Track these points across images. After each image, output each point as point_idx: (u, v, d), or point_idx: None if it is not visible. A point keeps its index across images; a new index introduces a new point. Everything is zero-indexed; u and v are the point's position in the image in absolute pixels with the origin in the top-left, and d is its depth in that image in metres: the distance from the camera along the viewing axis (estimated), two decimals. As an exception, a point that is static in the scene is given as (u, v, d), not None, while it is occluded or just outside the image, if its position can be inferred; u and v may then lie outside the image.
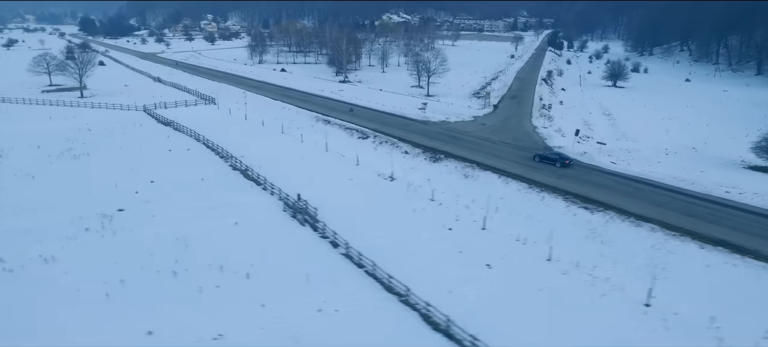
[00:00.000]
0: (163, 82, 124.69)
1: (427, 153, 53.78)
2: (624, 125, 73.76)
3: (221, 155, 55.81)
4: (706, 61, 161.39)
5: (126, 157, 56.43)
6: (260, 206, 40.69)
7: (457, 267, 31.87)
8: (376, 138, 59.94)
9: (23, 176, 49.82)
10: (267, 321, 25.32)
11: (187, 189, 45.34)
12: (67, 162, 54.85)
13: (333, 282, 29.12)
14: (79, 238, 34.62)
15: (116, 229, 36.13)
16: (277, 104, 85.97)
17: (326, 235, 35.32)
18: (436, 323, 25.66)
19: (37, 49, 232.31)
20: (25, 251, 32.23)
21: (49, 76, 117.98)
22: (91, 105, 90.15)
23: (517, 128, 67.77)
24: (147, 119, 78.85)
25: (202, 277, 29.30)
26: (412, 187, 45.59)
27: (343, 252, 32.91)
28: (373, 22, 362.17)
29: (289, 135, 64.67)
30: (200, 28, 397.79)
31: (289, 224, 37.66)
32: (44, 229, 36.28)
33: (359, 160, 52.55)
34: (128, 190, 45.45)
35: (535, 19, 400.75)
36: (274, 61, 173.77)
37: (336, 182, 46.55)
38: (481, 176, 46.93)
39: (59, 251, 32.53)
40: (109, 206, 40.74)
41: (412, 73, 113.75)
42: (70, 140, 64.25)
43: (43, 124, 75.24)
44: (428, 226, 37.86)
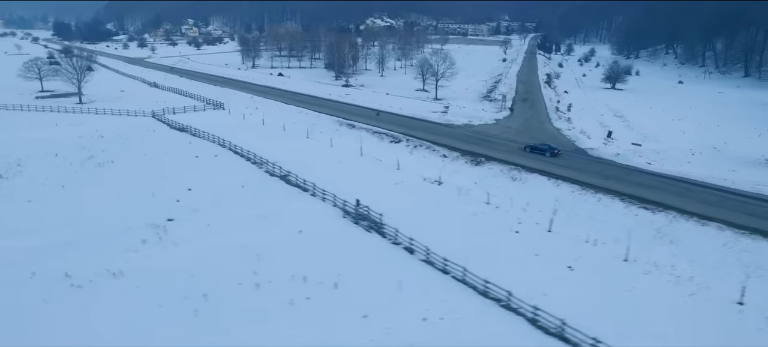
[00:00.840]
0: (159, 88, 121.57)
1: (467, 156, 53.50)
2: (640, 127, 74.94)
3: (253, 161, 54.32)
4: (691, 64, 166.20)
5: (152, 164, 54.43)
6: (316, 213, 39.59)
7: (538, 269, 31.54)
8: (408, 142, 59.39)
9: (52, 185, 47.50)
10: (375, 333, 24.43)
11: (230, 197, 43.89)
12: (92, 170, 52.58)
13: (425, 290, 28.40)
14: (139, 250, 32.96)
15: (175, 240, 34.56)
16: (291, 108, 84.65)
17: (398, 241, 34.53)
18: (546, 327, 25.22)
19: (15, 53, 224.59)
20: (88, 266, 30.48)
21: (41, 81, 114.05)
22: (95, 111, 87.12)
23: (540, 130, 68.17)
24: (158, 125, 76.49)
25: (288, 289, 28.18)
26: (463, 191, 45.13)
27: (423, 258, 32.19)
28: (358, 26, 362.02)
29: (315, 140, 63.48)
30: (181, 32, 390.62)
31: (354, 231, 36.73)
32: (95, 241, 34.50)
33: (400, 164, 51.79)
34: (167, 198, 43.72)
35: (517, 23, 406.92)
36: (268, 65, 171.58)
37: (383, 187, 45.68)
38: (529, 178, 46.85)
39: (124, 264, 30.87)
40: (156, 216, 39.02)
41: (417, 77, 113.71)
42: (86, 147, 61.74)
43: (51, 131, 72.32)
44: (494, 229, 37.46)
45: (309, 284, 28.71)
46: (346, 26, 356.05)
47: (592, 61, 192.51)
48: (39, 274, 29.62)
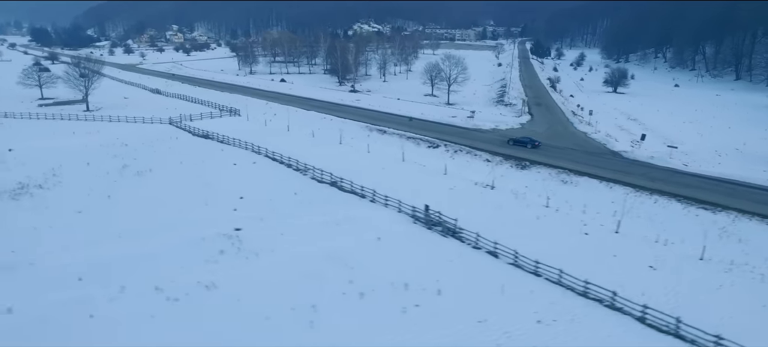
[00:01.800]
0: (163, 94, 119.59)
1: (510, 161, 54.18)
2: (657, 130, 76.78)
3: (295, 168, 53.90)
4: (682, 67, 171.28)
5: (191, 173, 53.48)
6: (385, 219, 39.53)
7: (621, 270, 32.10)
8: (446, 147, 59.79)
9: (97, 196, 46.30)
10: (497, 337, 24.62)
11: (286, 204, 43.51)
12: (132, 180, 51.43)
13: (530, 293, 28.73)
14: (220, 261, 32.40)
15: (255, 250, 34.02)
16: (311, 114, 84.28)
17: (479, 246, 34.78)
18: (657, 326, 25.79)
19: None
20: (176, 278, 29.86)
21: (41, 89, 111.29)
22: (108, 119, 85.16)
23: (567, 134, 69.45)
24: (179, 132, 75.11)
25: (393, 296, 28.13)
26: (519, 194, 45.67)
27: (511, 262, 32.51)
28: (346, 31, 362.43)
29: (349, 146, 63.31)
30: (166, 38, 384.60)
31: (430, 237, 36.82)
32: (171, 252, 33.78)
33: (446, 169, 52.11)
34: (222, 207, 43.12)
35: (502, 27, 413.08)
36: (266, 71, 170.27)
37: (438, 192, 45.82)
38: (580, 181, 47.73)
39: (212, 276, 30.31)
40: (220, 226, 38.39)
41: (425, 82, 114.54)
42: (117, 156, 60.38)
43: (70, 139, 70.44)
44: (563, 232, 38.03)
45: (412, 291, 28.69)
46: (335, 31, 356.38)
47: (585, 65, 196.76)
48: (129, 288, 28.87)
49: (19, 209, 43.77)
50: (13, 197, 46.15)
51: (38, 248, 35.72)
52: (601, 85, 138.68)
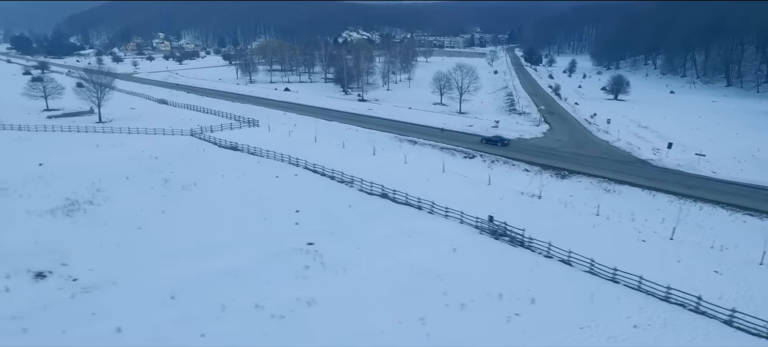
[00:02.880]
0: (170, 105, 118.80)
1: (548, 170, 55.92)
2: (672, 137, 79.35)
3: (339, 180, 54.63)
4: (673, 74, 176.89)
5: (236, 186, 53.80)
6: (451, 230, 40.60)
7: (688, 276, 33.62)
8: (483, 158, 61.27)
9: (151, 212, 46.32)
10: (602, 341, 25.94)
11: (347, 217, 44.14)
12: (180, 194, 51.48)
13: (616, 299, 30.13)
14: (309, 277, 32.92)
15: (341, 265, 34.34)
16: (334, 125, 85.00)
17: (551, 254, 36.17)
18: (746, 329, 27.44)
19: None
20: (272, 295, 30.33)
21: (46, 100, 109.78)
22: (127, 131, 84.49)
23: (590, 143, 71.68)
24: (204, 144, 75.01)
25: (492, 306, 29.20)
26: (568, 204, 47.31)
27: (587, 270, 33.93)
28: (336, 39, 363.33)
29: (384, 157, 64.28)
30: (152, 46, 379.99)
31: (500, 247, 38.04)
32: (253, 268, 34.20)
33: (490, 180, 53.54)
34: (283, 221, 43.65)
35: (489, 34, 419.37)
36: (266, 80, 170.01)
37: (488, 202, 46.93)
38: (622, 190, 49.69)
39: (306, 292, 30.88)
40: (291, 240, 38.94)
41: (434, 91, 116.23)
42: (152, 170, 60.26)
43: (96, 152, 70.06)
44: (621, 239, 39.60)
45: (507, 300, 29.82)
46: (325, 39, 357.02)
47: (578, 72, 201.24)
48: (229, 306, 29.24)
49: (77, 226, 43.66)
50: (67, 213, 45.94)
51: (114, 266, 35.81)
52: (599, 92, 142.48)
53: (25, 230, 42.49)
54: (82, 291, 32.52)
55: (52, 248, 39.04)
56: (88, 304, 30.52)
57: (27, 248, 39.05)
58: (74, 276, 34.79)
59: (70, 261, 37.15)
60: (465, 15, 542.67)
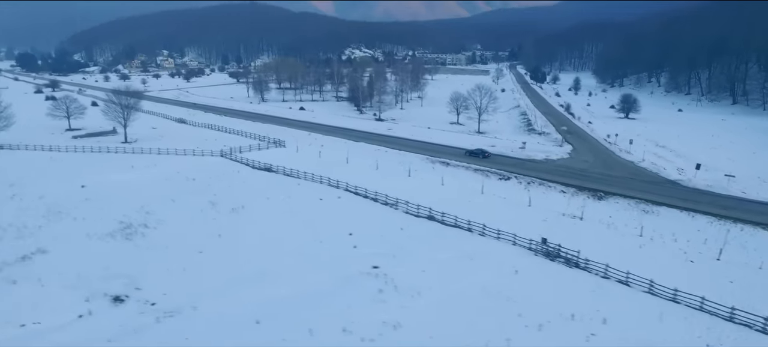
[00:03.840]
0: (189, 124, 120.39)
1: (584, 192, 57.66)
2: (693, 157, 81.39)
3: (383, 202, 56.03)
4: (677, 92, 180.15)
5: (283, 208, 55.10)
6: (508, 253, 42.04)
7: (744, 296, 35.03)
8: (518, 179, 62.99)
9: (207, 235, 47.58)
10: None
11: (402, 240, 45.43)
12: (230, 217, 52.71)
13: (683, 319, 31.62)
14: (387, 300, 34.07)
15: (414, 288, 35.46)
16: (361, 146, 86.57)
17: (608, 276, 37.68)
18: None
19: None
20: (355, 320, 31.42)
21: (68, 119, 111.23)
22: (157, 151, 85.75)
23: (616, 163, 73.53)
24: (238, 165, 76.27)
25: (567, 326, 30.60)
26: (610, 225, 48.95)
27: (646, 290, 35.45)
28: (340, 56, 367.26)
29: (420, 178, 65.85)
30: (156, 63, 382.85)
31: (558, 268, 39.50)
32: (328, 292, 35.44)
33: (531, 201, 55.17)
34: (340, 244, 44.95)
35: (490, 51, 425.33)
36: (279, 99, 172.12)
37: (533, 224, 48.48)
38: (660, 210, 51.41)
39: (388, 315, 32.01)
40: (355, 263, 40.31)
41: (451, 111, 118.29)
42: (195, 192, 61.44)
43: (132, 173, 71.09)
44: (668, 260, 41.04)
45: (579, 321, 31.26)
46: (329, 57, 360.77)
47: (583, 90, 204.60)
48: (317, 331, 30.42)
49: (138, 250, 44.88)
50: (127, 237, 47.18)
51: (187, 290, 37.04)
52: (608, 110, 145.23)
53: (91, 253, 43.70)
54: (164, 316, 33.69)
55: (122, 272, 40.27)
56: (177, 329, 31.69)
57: (98, 272, 40.25)
58: (151, 301, 36.01)
59: (142, 285, 38.38)
60: (464, 32, 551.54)
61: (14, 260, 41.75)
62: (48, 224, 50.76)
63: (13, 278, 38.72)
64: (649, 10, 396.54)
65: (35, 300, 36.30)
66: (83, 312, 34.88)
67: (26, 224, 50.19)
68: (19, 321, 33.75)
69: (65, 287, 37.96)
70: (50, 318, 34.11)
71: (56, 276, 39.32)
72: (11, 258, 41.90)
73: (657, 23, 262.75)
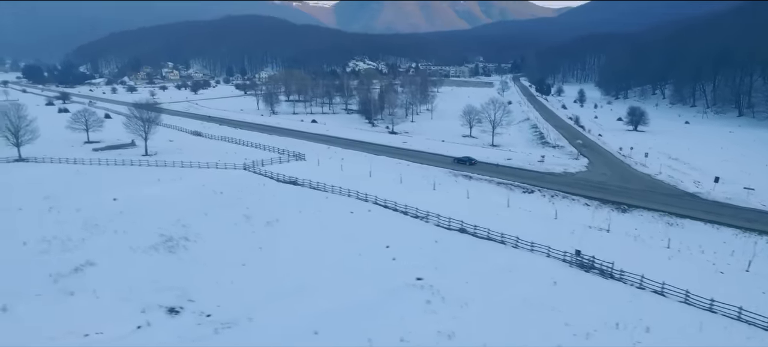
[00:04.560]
0: (204, 136, 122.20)
1: (607, 205, 59.28)
2: (707, 169, 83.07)
3: (413, 215, 57.43)
4: (683, 104, 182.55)
5: (317, 221, 56.46)
6: (543, 264, 43.48)
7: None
8: (542, 192, 64.62)
9: (248, 248, 49.06)
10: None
11: (438, 252, 46.79)
12: (267, 230, 54.16)
13: (723, 329, 33.08)
14: (438, 312, 35.08)
15: (464, 298, 36.46)
16: (381, 159, 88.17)
17: (643, 286, 39.16)
18: None
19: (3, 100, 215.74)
20: (412, 331, 32.68)
21: (87, 132, 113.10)
22: (180, 164, 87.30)
23: (633, 176, 75.21)
24: (262, 178, 77.55)
25: (614, 335, 32.02)
26: (637, 237, 50.48)
27: (682, 300, 36.90)
28: (344, 68, 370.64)
29: (445, 191, 67.33)
30: (162, 75, 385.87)
31: (593, 279, 40.86)
32: (379, 304, 36.63)
33: (557, 214, 56.74)
34: (378, 257, 46.31)
35: (492, 63, 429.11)
36: (289, 111, 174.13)
37: (562, 236, 49.98)
38: (684, 223, 53.04)
39: (442, 326, 33.19)
40: (398, 276, 41.57)
41: (464, 124, 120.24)
42: (226, 205, 62.85)
43: (158, 187, 72.09)
44: (698, 271, 42.33)
45: (624, 330, 32.69)
46: (334, 69, 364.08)
47: (588, 102, 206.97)
48: (376, 341, 31.63)
49: (182, 262, 46.35)
50: (169, 250, 48.65)
51: (239, 302, 38.48)
52: (616, 123, 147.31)
53: (137, 266, 45.16)
54: (222, 327, 35.10)
55: (172, 285, 41.73)
56: (237, 340, 33.10)
57: (148, 284, 41.71)
58: (206, 312, 37.48)
59: (194, 296, 39.84)
60: (465, 44, 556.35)
61: (68, 271, 43.17)
62: (90, 237, 52.16)
63: (70, 289, 40.12)
64: (650, 23, 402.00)
65: (93, 310, 37.76)
66: (141, 323, 36.28)
67: (70, 237, 51.59)
68: (82, 330, 35.15)
69: (120, 298, 39.36)
70: (111, 328, 35.51)
71: (109, 288, 40.74)
72: (65, 270, 43.32)
73: (659, 36, 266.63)
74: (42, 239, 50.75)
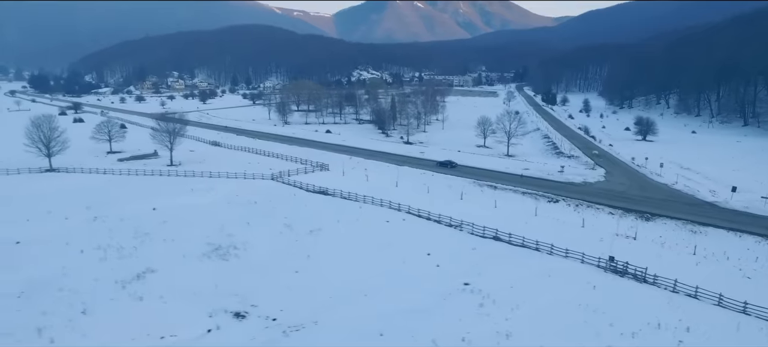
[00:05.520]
0: (223, 146, 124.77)
1: (631, 214, 62.07)
2: (719, 178, 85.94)
3: (446, 224, 59.96)
4: (687, 114, 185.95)
5: (356, 230, 58.73)
6: (580, 270, 46.13)
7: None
8: (566, 202, 67.41)
9: (298, 257, 51.45)
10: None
11: (478, 259, 49.48)
12: (311, 239, 56.49)
13: (759, 330, 35.74)
14: (491, 314, 37.77)
15: (513, 301, 39.28)
16: (404, 169, 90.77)
17: (676, 290, 41.85)
18: None
19: (16, 110, 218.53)
20: (470, 329, 35.27)
21: (110, 143, 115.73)
22: (209, 174, 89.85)
23: (652, 186, 78.08)
24: (292, 188, 79.75)
25: (657, 334, 34.57)
26: (664, 244, 53.23)
27: (715, 303, 39.61)
28: (349, 78, 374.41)
29: (473, 201, 69.96)
30: (167, 85, 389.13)
31: (627, 284, 43.46)
32: (435, 307, 39.30)
33: (584, 223, 59.49)
34: (421, 263, 48.94)
35: (495, 73, 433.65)
36: (301, 121, 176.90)
37: (592, 243, 52.55)
38: (707, 231, 55.84)
39: (498, 326, 35.95)
40: (445, 281, 44.25)
41: (478, 134, 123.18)
42: (264, 214, 65.37)
43: (193, 196, 74.30)
44: (725, 276, 44.85)
45: (665, 330, 35.28)
46: (340, 79, 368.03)
47: (594, 112, 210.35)
48: (439, 341, 34.08)
49: (236, 269, 48.85)
50: (222, 257, 51.25)
51: (301, 306, 40.95)
52: (624, 133, 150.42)
53: (195, 272, 47.65)
54: (291, 330, 37.62)
55: (231, 290, 44.27)
56: (308, 341, 35.59)
57: (209, 290, 44.25)
58: (271, 316, 39.95)
59: (256, 302, 42.33)
60: (467, 54, 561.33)
61: (131, 278, 45.66)
62: (142, 245, 54.66)
63: (139, 294, 42.62)
64: (649, 33, 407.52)
65: (163, 314, 40.16)
66: (211, 326, 38.76)
67: (122, 245, 54.12)
68: (157, 333, 37.58)
69: (185, 303, 41.82)
70: (183, 331, 37.96)
71: (173, 293, 43.19)
72: (128, 276, 45.82)
73: (659, 45, 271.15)
74: (97, 247, 53.25)
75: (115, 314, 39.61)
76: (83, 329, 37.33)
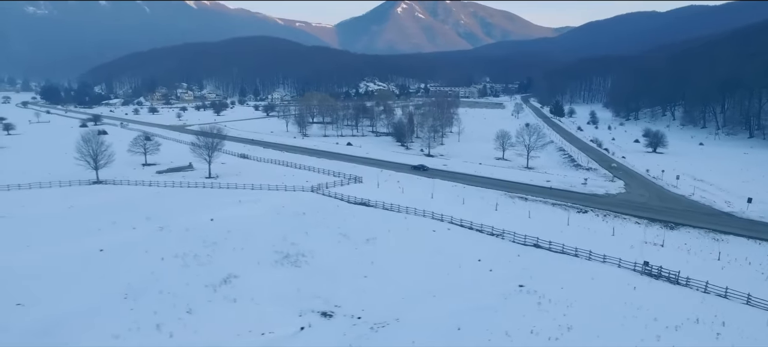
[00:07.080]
0: (252, 159, 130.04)
1: (656, 223, 67.76)
2: (732, 190, 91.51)
3: (489, 233, 65.52)
4: (693, 126, 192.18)
5: (407, 240, 63.89)
6: (617, 273, 51.74)
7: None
8: (595, 212, 73.09)
9: (360, 263, 56.81)
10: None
11: (528, 264, 54.93)
12: (369, 247, 61.59)
13: (786, 325, 41.32)
14: (550, 310, 43.44)
15: (567, 300, 44.84)
16: (436, 182, 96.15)
17: (708, 291, 47.41)
18: None
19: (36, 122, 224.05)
20: (535, 323, 40.81)
21: (145, 155, 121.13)
22: (251, 187, 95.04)
23: (670, 197, 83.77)
24: (333, 200, 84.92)
25: (696, 328, 40.02)
26: (690, 251, 58.86)
27: (744, 302, 45.19)
28: (357, 90, 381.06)
29: (506, 212, 75.53)
30: (176, 96, 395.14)
31: (663, 285, 49.00)
32: (499, 305, 44.76)
33: (614, 231, 65.15)
34: (475, 268, 54.56)
35: (500, 84, 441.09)
36: (319, 134, 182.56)
37: (623, 250, 58.01)
38: (728, 239, 61.52)
39: (562, 320, 41.46)
40: (503, 283, 49.81)
41: (497, 147, 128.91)
42: (317, 225, 70.50)
43: (242, 208, 78.44)
44: (750, 280, 50.23)
45: (703, 324, 40.76)
46: (347, 91, 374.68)
47: (601, 123, 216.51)
48: (512, 333, 39.56)
49: (310, 275, 54.06)
50: (293, 264, 56.64)
51: (379, 306, 46.32)
52: (634, 144, 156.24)
53: (273, 278, 52.96)
54: (377, 326, 43.02)
55: (313, 293, 49.68)
56: (396, 335, 40.88)
57: (292, 293, 49.63)
58: (356, 315, 45.33)
59: (338, 303, 47.74)
60: (470, 65, 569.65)
61: (218, 282, 51.00)
62: (214, 253, 59.96)
63: (231, 297, 47.99)
64: (650, 45, 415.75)
65: (257, 314, 45.51)
66: (303, 324, 44.15)
67: (197, 254, 59.38)
68: (257, 330, 42.95)
69: (275, 304, 47.23)
70: (280, 329, 43.34)
71: (261, 296, 48.57)
72: (215, 281, 51.17)
73: (663, 58, 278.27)
74: (174, 256, 58.45)
75: (215, 314, 44.89)
76: (194, 326, 42.64)
